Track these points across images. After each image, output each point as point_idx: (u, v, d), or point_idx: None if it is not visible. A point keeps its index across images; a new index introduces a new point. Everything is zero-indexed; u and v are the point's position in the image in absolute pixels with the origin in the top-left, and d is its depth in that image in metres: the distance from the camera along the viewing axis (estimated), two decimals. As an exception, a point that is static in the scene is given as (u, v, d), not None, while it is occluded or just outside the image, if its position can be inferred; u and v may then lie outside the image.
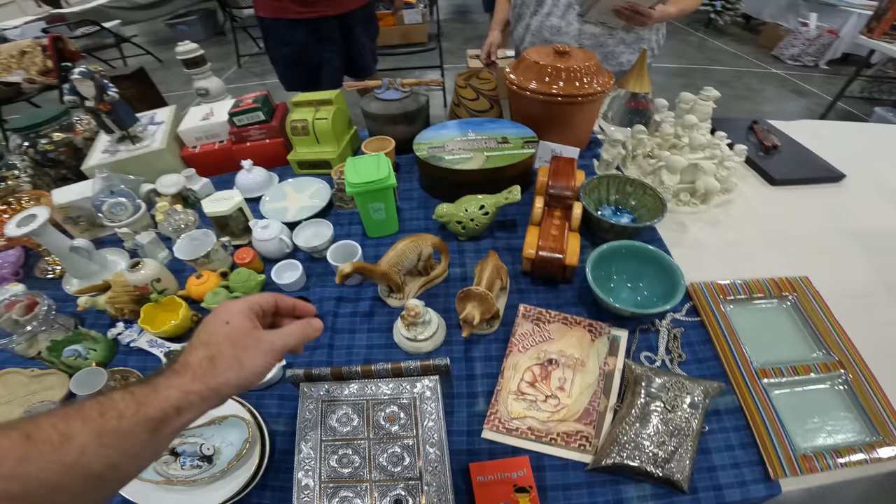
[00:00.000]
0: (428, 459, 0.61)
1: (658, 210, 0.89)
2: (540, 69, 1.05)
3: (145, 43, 4.84)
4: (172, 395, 0.37)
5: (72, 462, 0.30)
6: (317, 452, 0.62)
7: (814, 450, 0.63)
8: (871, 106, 3.11)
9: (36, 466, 0.29)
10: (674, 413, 0.62)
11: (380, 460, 0.62)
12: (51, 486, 0.29)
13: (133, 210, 1.06)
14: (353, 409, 0.65)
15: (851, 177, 1.12)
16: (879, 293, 0.85)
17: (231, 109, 1.14)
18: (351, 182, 0.86)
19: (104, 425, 0.33)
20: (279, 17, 1.50)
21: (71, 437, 0.31)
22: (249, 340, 0.44)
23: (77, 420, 0.32)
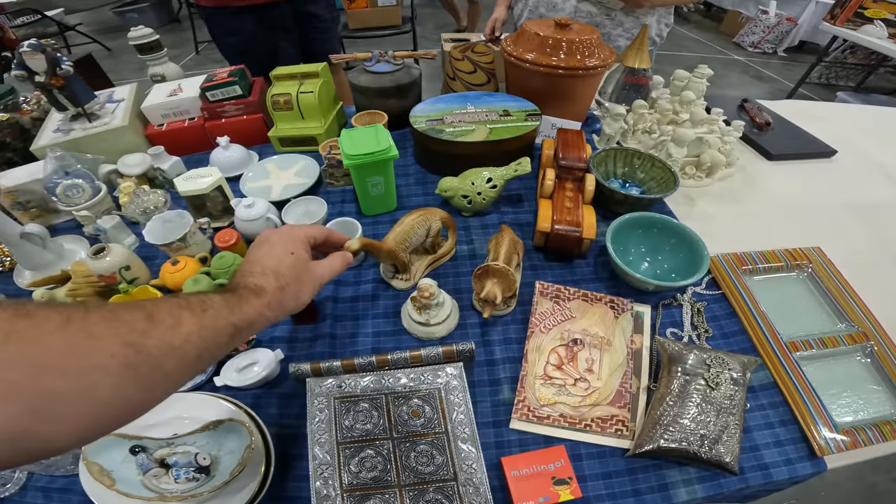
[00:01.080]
0: (461, 457, 0.55)
1: (668, 182, 0.86)
2: (541, 41, 0.99)
3: (92, 32, 4.52)
4: (252, 311, 0.42)
5: (177, 345, 0.34)
6: (334, 457, 0.54)
7: (853, 425, 0.61)
8: (830, 91, 3.25)
9: (151, 342, 0.32)
10: (717, 391, 0.58)
11: (408, 460, 0.54)
12: (155, 362, 0.32)
13: (92, 192, 0.95)
14: (371, 404, 0.57)
15: (842, 153, 1.13)
16: (885, 264, 0.85)
17: (203, 84, 1.03)
18: (348, 154, 0.78)
19: (204, 320, 0.37)
20: (223, 5, 1.37)
21: (181, 324, 0.35)
22: (307, 275, 0.48)
23: (186, 310, 0.36)
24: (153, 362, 0.32)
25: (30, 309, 0.28)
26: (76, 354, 0.28)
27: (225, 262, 0.80)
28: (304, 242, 0.50)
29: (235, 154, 1.02)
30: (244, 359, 0.66)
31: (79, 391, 0.28)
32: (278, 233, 0.50)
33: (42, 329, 0.27)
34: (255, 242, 0.50)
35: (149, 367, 0.32)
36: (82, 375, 0.28)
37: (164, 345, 0.33)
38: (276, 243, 0.48)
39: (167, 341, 0.33)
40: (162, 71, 1.28)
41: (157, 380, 0.33)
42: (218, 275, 0.79)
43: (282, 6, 1.46)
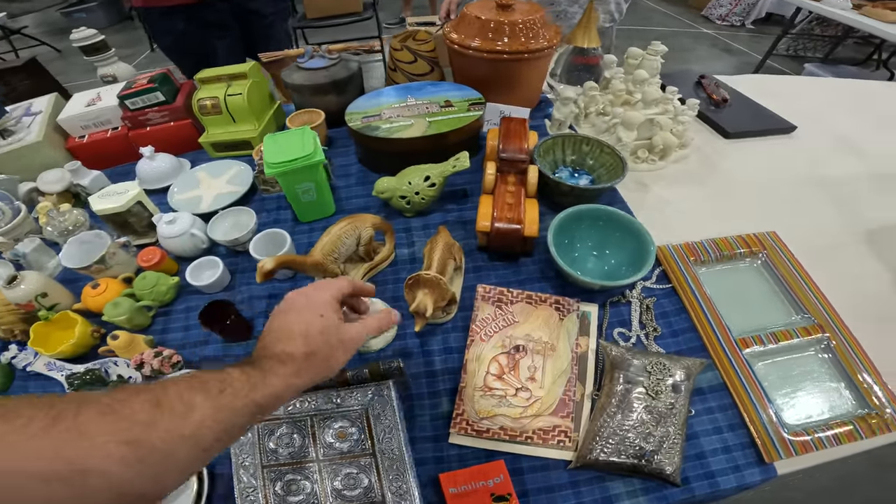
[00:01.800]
0: (389, 479, 0.53)
1: (618, 169, 0.82)
2: (482, 25, 0.94)
3: (41, 34, 4.33)
4: (278, 384, 0.38)
5: (188, 434, 0.31)
6: (258, 480, 0.53)
7: (805, 427, 0.58)
8: (798, 63, 3.23)
9: (157, 435, 0.30)
10: (657, 399, 0.54)
11: (334, 484, 0.53)
12: (163, 455, 0.30)
13: (12, 214, 0.89)
14: (294, 427, 0.55)
15: (802, 128, 1.10)
16: (848, 244, 0.82)
17: (121, 92, 0.96)
18: (270, 162, 0.72)
19: (221, 401, 0.34)
20: (152, 5, 1.29)
21: (193, 410, 0.32)
22: (337, 339, 0.43)
23: (200, 393, 0.33)
24: (159, 456, 0.30)
25: (10, 409, 0.26)
26: (64, 459, 0.26)
27: (147, 282, 0.75)
28: (334, 303, 0.45)
29: (163, 164, 0.95)
30: None
31: (70, 497, 0.26)
32: (305, 295, 0.45)
33: (23, 433, 0.25)
34: (280, 308, 0.44)
35: (155, 460, 0.29)
36: (73, 481, 0.26)
37: (173, 436, 0.30)
38: (302, 308, 0.43)
39: (177, 432, 0.31)
40: (112, 71, 1.21)
41: (168, 470, 0.31)
42: (142, 296, 0.75)
43: (216, 4, 1.37)
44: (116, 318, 0.71)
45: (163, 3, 1.30)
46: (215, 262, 0.77)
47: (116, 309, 0.71)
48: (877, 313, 0.71)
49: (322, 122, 0.96)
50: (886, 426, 0.57)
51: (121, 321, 0.71)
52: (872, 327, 0.68)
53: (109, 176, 1.00)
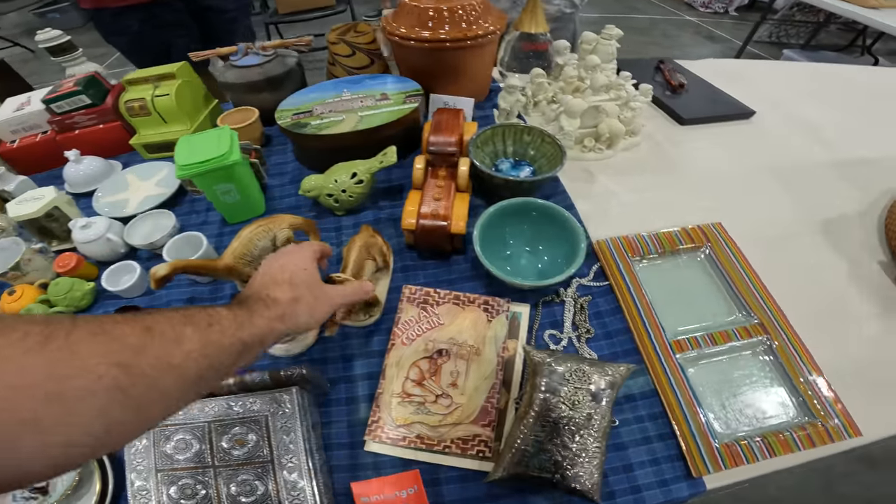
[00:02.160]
0: (287, 487, 0.51)
1: (558, 159, 0.78)
2: (421, 13, 0.90)
3: (15, 35, 4.27)
4: (263, 324, 0.39)
5: (176, 364, 0.31)
6: (151, 483, 0.53)
7: (740, 438, 0.54)
8: (779, 49, 3.18)
9: (146, 361, 0.29)
10: (574, 410, 0.51)
11: (230, 490, 0.52)
12: (150, 382, 0.29)
13: (-63, 225, 0.85)
14: (192, 433, 0.54)
15: (761, 113, 1.05)
16: (801, 234, 0.78)
17: (46, 96, 0.92)
18: (181, 164, 0.68)
19: (209, 336, 0.34)
20: (101, 6, 1.24)
21: (182, 340, 0.32)
22: (320, 292, 0.46)
23: (189, 326, 0.33)
24: (147, 382, 0.29)
25: (7, 323, 0.25)
26: (57, 377, 0.25)
27: (61, 288, 0.72)
28: (314, 260, 0.49)
29: (91, 167, 0.92)
30: None
31: (58, 418, 0.25)
32: (288, 252, 0.49)
33: (18, 347, 0.24)
34: (266, 260, 0.48)
35: (142, 387, 0.29)
36: (62, 401, 0.25)
37: (162, 363, 0.30)
38: (287, 261, 0.47)
39: (166, 359, 0.30)
40: (81, 71, 1.17)
41: (153, 400, 0.30)
42: (56, 302, 0.72)
43: (171, 3, 1.33)
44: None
45: (115, 4, 1.26)
46: (132, 267, 0.73)
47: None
48: (829, 308, 0.68)
49: (256, 120, 0.92)
50: (829, 436, 0.53)
51: (34, 330, 0.67)
52: (823, 324, 0.64)
53: (45, 180, 0.97)
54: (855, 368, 0.61)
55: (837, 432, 0.53)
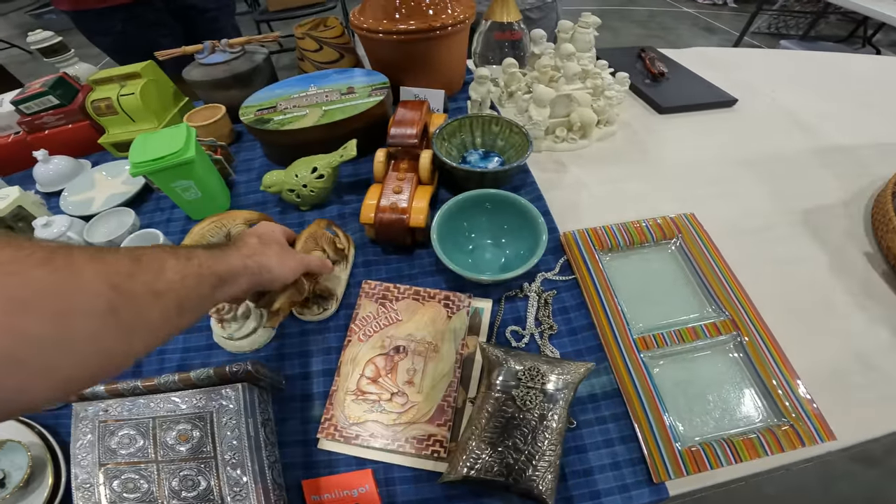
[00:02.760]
0: (230, 483, 0.50)
1: (525, 148, 0.76)
2: (386, 5, 0.88)
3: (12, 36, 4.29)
4: (236, 261, 0.42)
5: (161, 290, 0.32)
6: (94, 477, 0.53)
7: (704, 441, 0.51)
8: (779, 40, 3.13)
9: (136, 286, 0.30)
10: (527, 411, 0.49)
11: (172, 485, 0.52)
12: (138, 307, 0.30)
13: None
14: (136, 429, 0.54)
15: (744, 101, 1.03)
16: (780, 225, 0.75)
17: (14, 98, 0.92)
18: (135, 161, 0.67)
19: (189, 268, 0.35)
20: (82, 8, 1.23)
21: (165, 269, 0.33)
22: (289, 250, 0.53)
23: (172, 257, 0.35)
24: (136, 307, 0.30)
25: (12, 240, 0.26)
26: (59, 293, 0.26)
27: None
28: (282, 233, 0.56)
29: (59, 166, 0.91)
30: None
31: (58, 338, 0.25)
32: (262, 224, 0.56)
33: (25, 263, 0.25)
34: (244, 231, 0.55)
35: (131, 312, 0.30)
36: (63, 319, 0.25)
37: (148, 290, 0.31)
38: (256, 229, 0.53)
39: (151, 286, 0.31)
40: (73, 72, 1.17)
41: (139, 328, 0.31)
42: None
43: (153, 2, 1.33)
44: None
45: (95, 5, 1.25)
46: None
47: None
48: (809, 303, 0.65)
49: (223, 117, 0.91)
50: (800, 439, 0.50)
51: None
52: (802, 321, 0.62)
53: (19, 180, 0.97)
54: (835, 368, 0.58)
55: (809, 436, 0.50)
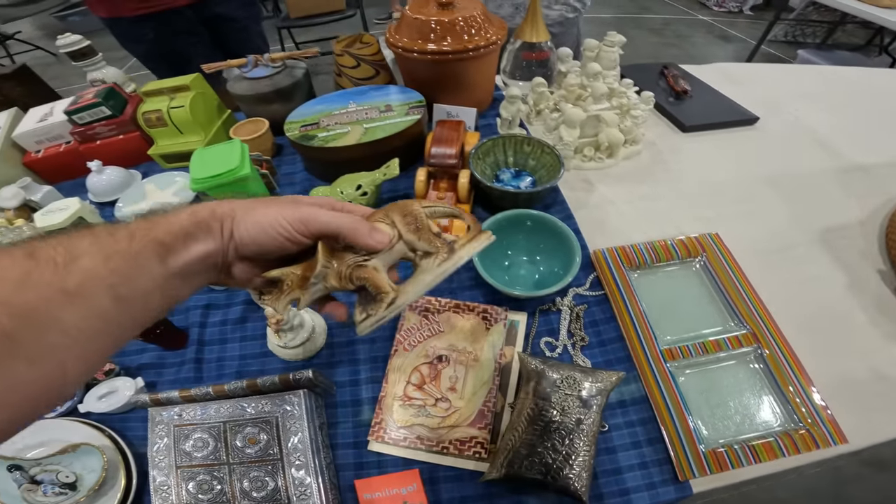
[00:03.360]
0: (295, 484, 0.55)
1: (556, 169, 0.80)
2: (422, 25, 0.92)
3: (37, 38, 4.38)
4: (182, 218, 0.31)
5: (74, 289, 0.24)
6: (171, 479, 0.57)
7: (726, 443, 0.56)
8: (796, 49, 3.14)
9: (35, 292, 0.23)
10: (564, 416, 0.53)
11: (243, 486, 0.56)
12: (47, 321, 0.23)
13: (-30, 232, 0.90)
14: (209, 432, 0.58)
15: (766, 119, 1.06)
16: (799, 244, 0.79)
17: (68, 107, 0.97)
18: (195, 178, 0.72)
19: (113, 246, 0.27)
20: (118, 15, 1.29)
21: (77, 258, 0.25)
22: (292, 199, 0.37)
23: (85, 239, 0.27)
24: (39, 320, 0.23)
25: None
26: None
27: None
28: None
29: (113, 177, 0.96)
30: (104, 387, 0.66)
31: None
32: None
33: None
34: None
35: (34, 327, 0.23)
36: None
37: (53, 291, 0.24)
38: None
39: (57, 285, 0.24)
40: (101, 76, 1.22)
41: (53, 344, 0.23)
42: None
43: (183, 11, 1.38)
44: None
45: (130, 13, 1.31)
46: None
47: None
48: (825, 318, 0.69)
49: (266, 132, 0.96)
50: (815, 442, 0.55)
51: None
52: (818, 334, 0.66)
53: (70, 189, 1.02)
54: (848, 378, 0.62)
55: (823, 439, 0.55)
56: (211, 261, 0.32)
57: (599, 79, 0.95)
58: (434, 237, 0.38)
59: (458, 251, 0.38)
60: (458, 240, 0.39)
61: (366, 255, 0.37)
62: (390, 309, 0.36)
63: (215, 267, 0.33)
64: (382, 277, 0.37)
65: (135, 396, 0.65)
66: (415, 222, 0.38)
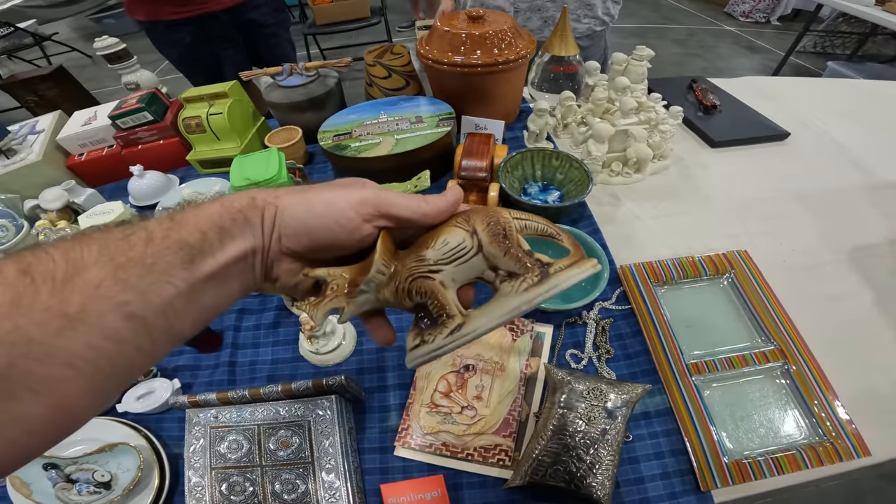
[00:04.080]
0: (325, 487, 0.56)
1: (585, 184, 0.81)
2: (453, 38, 0.94)
3: (72, 39, 4.53)
4: (213, 211, 0.26)
5: (76, 311, 0.20)
6: (206, 480, 0.58)
7: (749, 455, 0.56)
8: (825, 61, 3.08)
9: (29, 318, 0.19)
10: (590, 425, 0.54)
11: (274, 488, 0.57)
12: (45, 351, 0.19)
13: (15, 231, 0.95)
14: (243, 435, 0.60)
15: (797, 134, 1.05)
16: (828, 263, 0.79)
17: (112, 112, 1.01)
18: (236, 186, 0.75)
19: (126, 252, 0.22)
20: (156, 19, 1.35)
21: (80, 271, 0.21)
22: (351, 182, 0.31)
23: (93, 245, 0.22)
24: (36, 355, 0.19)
25: None
26: None
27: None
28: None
29: (153, 181, 1.00)
30: (142, 388, 0.69)
31: None
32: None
33: None
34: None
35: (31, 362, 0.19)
36: None
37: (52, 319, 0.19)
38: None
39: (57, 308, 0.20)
40: (135, 79, 1.26)
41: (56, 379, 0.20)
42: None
43: (219, 16, 1.43)
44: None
45: (168, 17, 1.36)
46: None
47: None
48: (853, 336, 0.69)
49: (300, 140, 0.98)
50: (838, 454, 0.55)
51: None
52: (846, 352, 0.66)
53: (111, 192, 1.07)
54: (873, 393, 0.62)
55: (846, 451, 0.55)
56: (249, 262, 0.27)
57: (628, 93, 0.96)
58: (524, 255, 0.30)
59: (554, 277, 0.29)
60: (554, 263, 0.30)
61: (432, 265, 0.30)
62: (452, 338, 0.29)
63: (253, 269, 0.28)
64: (448, 297, 0.30)
65: (172, 398, 0.67)
66: (503, 232, 0.31)
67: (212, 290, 0.25)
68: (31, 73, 2.25)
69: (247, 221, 0.26)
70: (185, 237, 0.24)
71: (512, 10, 1.26)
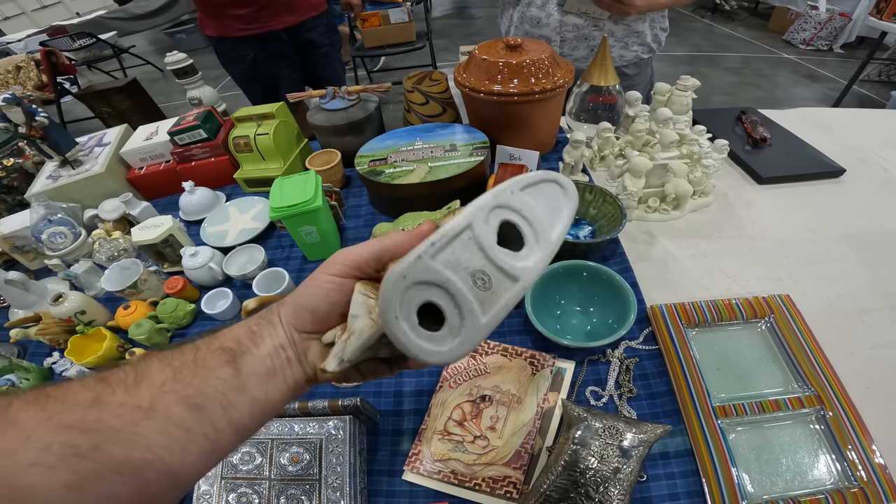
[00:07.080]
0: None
1: (618, 220, 0.79)
2: (489, 67, 0.95)
3: (147, 53, 4.87)
4: (243, 324, 0.33)
5: (148, 404, 0.25)
6: (215, 488, 0.60)
7: (769, 499, 0.53)
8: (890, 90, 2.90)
9: (108, 412, 0.24)
10: (602, 463, 0.52)
11: (279, 502, 0.58)
12: (124, 438, 0.24)
13: (73, 238, 1.02)
14: (256, 448, 0.62)
15: (853, 171, 0.99)
16: (878, 309, 0.73)
17: (171, 128, 1.09)
18: (274, 207, 0.79)
19: (179, 358, 0.29)
20: (224, 35, 1.45)
21: (148, 375, 0.27)
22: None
23: (153, 359, 0.28)
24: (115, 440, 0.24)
25: None
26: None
27: (168, 307, 0.83)
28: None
29: (202, 197, 1.06)
30: None
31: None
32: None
33: None
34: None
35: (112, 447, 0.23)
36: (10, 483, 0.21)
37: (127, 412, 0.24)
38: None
39: (133, 403, 0.25)
40: (198, 94, 1.35)
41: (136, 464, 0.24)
42: (163, 319, 0.83)
43: (280, 35, 1.53)
44: (138, 336, 0.80)
45: (235, 34, 1.46)
46: (227, 293, 0.84)
47: (139, 329, 0.80)
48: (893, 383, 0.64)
49: (338, 164, 1.02)
50: (867, 499, 0.52)
51: (142, 339, 0.80)
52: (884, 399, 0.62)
53: (164, 206, 1.14)
54: None
55: (876, 497, 0.52)
56: (283, 355, 0.32)
57: (669, 125, 0.93)
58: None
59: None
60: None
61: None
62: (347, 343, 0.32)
63: (289, 362, 0.33)
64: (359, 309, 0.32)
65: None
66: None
67: (258, 384, 0.31)
68: (106, 84, 2.43)
69: (270, 323, 0.33)
70: (224, 343, 0.31)
71: (559, 39, 1.27)
